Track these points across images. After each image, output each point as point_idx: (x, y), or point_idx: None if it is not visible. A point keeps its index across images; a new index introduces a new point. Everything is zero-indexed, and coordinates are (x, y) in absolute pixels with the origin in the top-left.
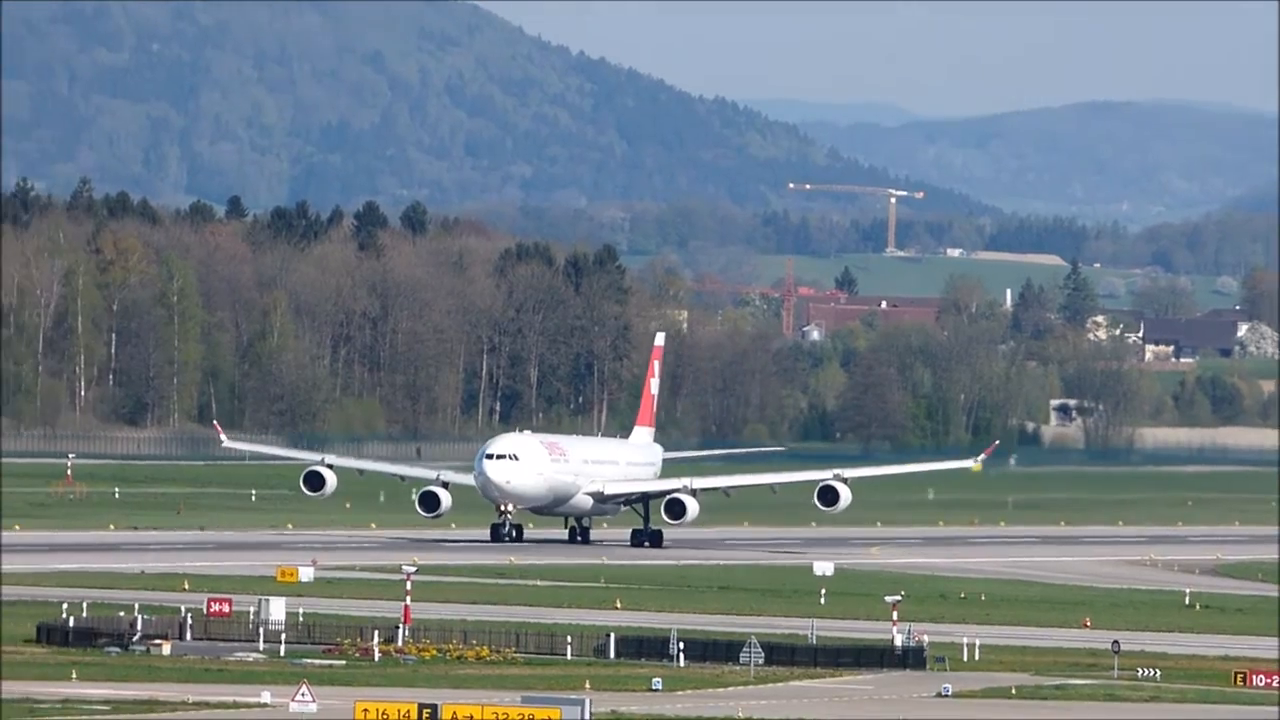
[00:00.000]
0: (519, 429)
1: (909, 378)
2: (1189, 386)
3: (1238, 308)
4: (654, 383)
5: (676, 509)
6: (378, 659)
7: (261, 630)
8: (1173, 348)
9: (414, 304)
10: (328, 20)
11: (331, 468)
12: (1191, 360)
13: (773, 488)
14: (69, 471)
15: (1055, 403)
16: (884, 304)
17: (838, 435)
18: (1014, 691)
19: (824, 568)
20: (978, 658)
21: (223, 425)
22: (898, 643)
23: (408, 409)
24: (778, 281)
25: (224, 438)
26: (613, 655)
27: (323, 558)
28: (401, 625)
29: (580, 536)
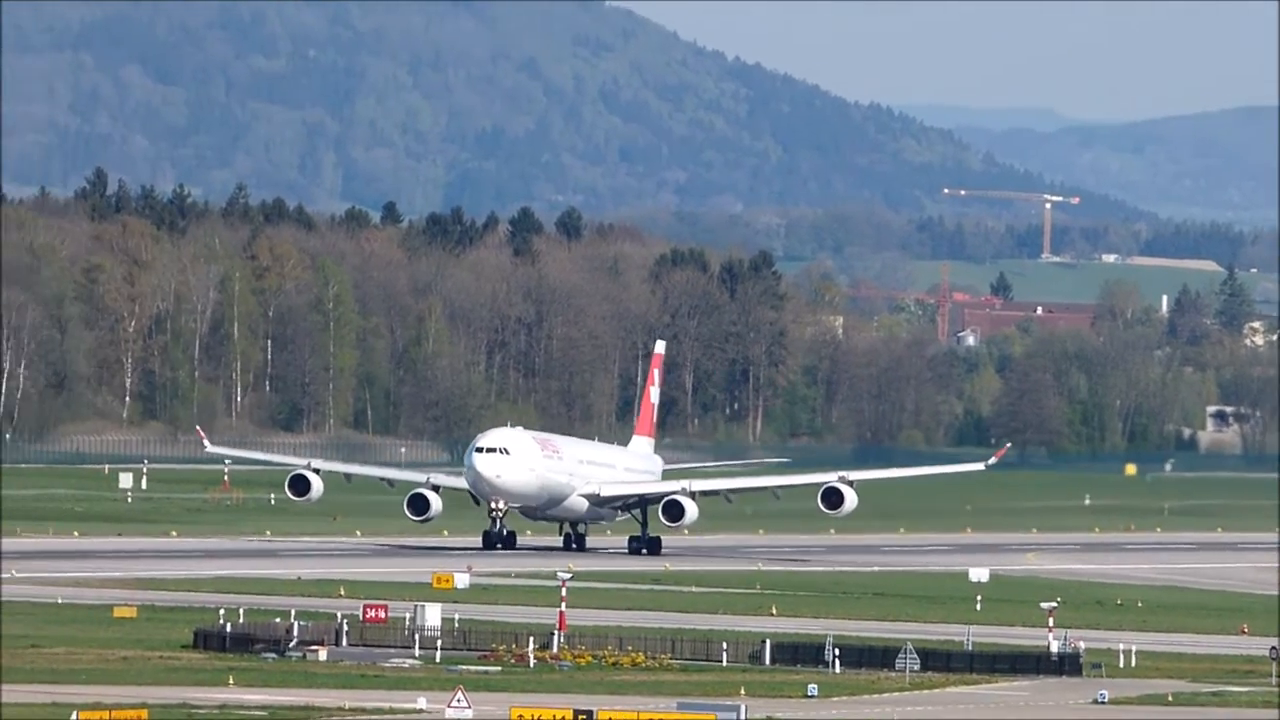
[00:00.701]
0: (509, 424)
1: (1064, 384)
2: None
3: None
4: (654, 391)
5: (674, 511)
6: (533, 665)
7: (417, 636)
8: None
9: (569, 310)
10: (482, 25)
11: (318, 472)
12: None
13: (775, 492)
14: (225, 477)
15: (1212, 409)
16: (1039, 309)
17: (993, 441)
18: (1170, 698)
19: (979, 574)
20: (1134, 664)
21: (378, 431)
22: (1054, 649)
23: (563, 415)
24: (933, 287)
25: (207, 443)
26: (768, 661)
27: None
28: (556, 631)
29: (575, 543)
